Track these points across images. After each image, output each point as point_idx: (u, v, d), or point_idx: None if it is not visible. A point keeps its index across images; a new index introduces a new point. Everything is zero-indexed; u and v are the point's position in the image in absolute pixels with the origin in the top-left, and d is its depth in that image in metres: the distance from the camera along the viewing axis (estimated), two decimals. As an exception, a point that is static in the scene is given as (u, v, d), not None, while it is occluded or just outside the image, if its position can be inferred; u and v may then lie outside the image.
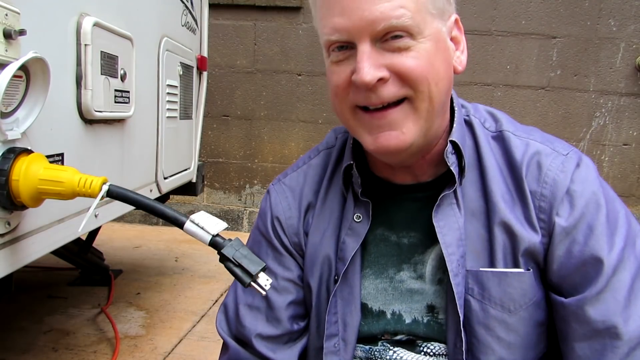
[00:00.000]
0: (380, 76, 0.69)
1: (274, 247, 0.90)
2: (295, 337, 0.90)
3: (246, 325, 0.88)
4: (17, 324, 2.16)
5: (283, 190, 0.92)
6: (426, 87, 0.71)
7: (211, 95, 3.75)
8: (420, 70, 0.70)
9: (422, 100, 0.71)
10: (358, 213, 0.84)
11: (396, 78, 0.70)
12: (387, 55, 0.70)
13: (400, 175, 0.84)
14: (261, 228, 0.92)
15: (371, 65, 0.69)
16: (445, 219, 0.79)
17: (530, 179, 0.78)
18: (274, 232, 0.90)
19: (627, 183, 3.59)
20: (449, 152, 0.78)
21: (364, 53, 0.69)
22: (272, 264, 0.89)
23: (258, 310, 0.88)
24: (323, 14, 0.73)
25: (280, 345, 0.88)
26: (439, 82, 0.72)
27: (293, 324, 0.89)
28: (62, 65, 1.13)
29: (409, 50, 0.69)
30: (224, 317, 0.92)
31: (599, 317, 0.72)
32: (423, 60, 0.70)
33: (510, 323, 0.77)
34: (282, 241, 0.89)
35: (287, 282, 0.88)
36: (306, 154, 0.96)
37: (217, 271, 2.92)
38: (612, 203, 0.77)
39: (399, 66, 0.70)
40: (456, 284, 0.77)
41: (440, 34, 0.73)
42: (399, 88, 0.71)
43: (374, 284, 0.85)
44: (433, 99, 0.72)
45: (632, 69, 3.46)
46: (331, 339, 0.84)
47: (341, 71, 0.73)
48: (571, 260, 0.75)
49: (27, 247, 1.00)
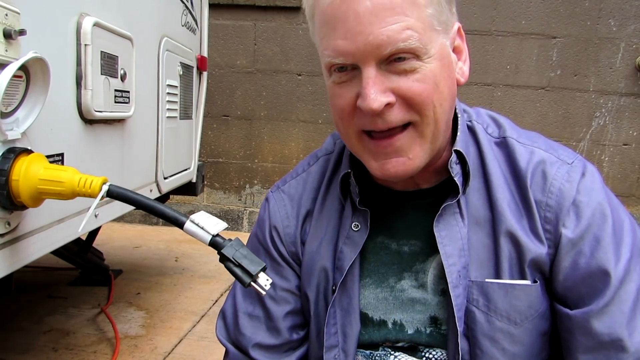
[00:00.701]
0: (387, 102, 0.67)
1: (271, 257, 0.89)
2: (295, 346, 0.90)
3: (246, 334, 0.87)
4: (17, 324, 2.16)
5: (282, 199, 0.91)
6: (431, 111, 0.69)
7: (211, 95, 3.75)
8: (427, 95, 0.68)
9: (428, 124, 0.70)
10: (356, 222, 0.82)
11: (402, 102, 0.68)
12: (392, 78, 0.67)
13: (400, 182, 0.83)
14: (259, 236, 0.91)
15: (377, 91, 0.66)
16: (448, 228, 0.77)
17: (535, 188, 0.76)
18: (272, 241, 0.89)
19: (627, 183, 3.59)
20: (454, 162, 0.77)
21: (369, 78, 0.67)
22: (270, 274, 0.87)
23: (258, 319, 0.88)
24: (325, 34, 0.70)
25: (280, 354, 0.88)
26: (443, 103, 0.71)
27: (292, 334, 0.89)
28: (62, 65, 1.13)
29: (415, 72, 0.67)
30: (223, 324, 0.92)
31: (605, 329, 0.71)
32: (429, 84, 0.68)
33: (515, 335, 0.76)
34: (280, 251, 0.89)
35: (285, 292, 0.88)
36: (305, 160, 0.95)
37: (217, 271, 2.92)
38: (617, 212, 0.76)
39: (404, 90, 0.68)
40: (456, 296, 0.76)
41: (445, 49, 0.71)
42: (404, 113, 0.69)
43: (374, 293, 0.83)
44: (438, 121, 0.71)
45: (632, 69, 3.46)
46: (331, 351, 0.83)
47: (345, 94, 0.71)
48: (577, 271, 0.73)
49: (27, 247, 1.00)
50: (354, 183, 0.81)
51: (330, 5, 0.67)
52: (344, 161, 0.86)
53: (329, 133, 0.98)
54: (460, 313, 0.76)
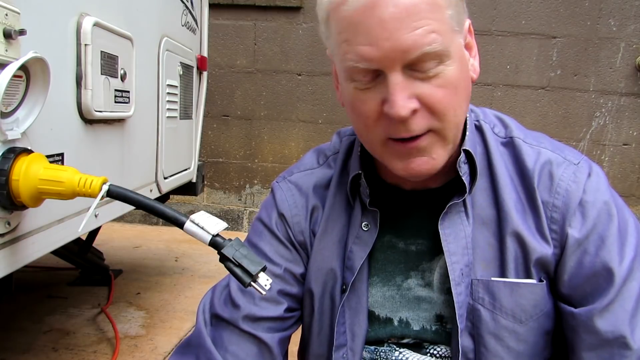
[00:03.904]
0: (413, 108, 0.67)
1: (277, 239, 0.87)
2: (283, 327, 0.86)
3: (240, 305, 0.83)
4: (17, 324, 2.16)
5: (289, 188, 0.90)
6: (452, 117, 0.70)
7: (211, 95, 3.75)
8: (447, 101, 0.68)
9: (450, 129, 0.71)
10: (366, 221, 0.82)
11: (425, 109, 0.68)
12: (417, 84, 0.67)
13: (409, 182, 0.83)
14: (265, 220, 0.89)
15: (405, 97, 0.66)
16: (452, 227, 0.78)
17: (542, 188, 0.77)
18: (279, 225, 0.88)
19: (627, 183, 3.59)
20: (462, 162, 0.77)
21: (397, 84, 0.66)
22: (274, 255, 0.86)
23: (251, 294, 0.84)
24: (345, 39, 0.68)
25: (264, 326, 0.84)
26: (462, 105, 0.72)
27: (285, 312, 0.85)
28: (62, 65, 1.13)
29: (437, 78, 0.67)
30: (211, 296, 0.89)
31: (608, 327, 0.72)
32: (449, 88, 0.68)
33: (520, 333, 0.76)
34: (288, 234, 0.87)
35: (286, 273, 0.86)
36: (313, 156, 0.94)
37: (217, 271, 2.92)
38: (622, 212, 0.77)
39: (428, 98, 0.68)
40: (457, 293, 0.76)
41: (461, 50, 0.71)
42: (427, 120, 0.69)
43: (381, 291, 0.83)
44: (459, 124, 0.72)
45: (632, 69, 3.46)
46: (340, 350, 0.83)
47: (370, 100, 0.70)
48: (582, 270, 0.74)
49: (27, 247, 1.00)
50: (365, 185, 0.81)
51: (353, 11, 0.66)
52: (353, 162, 0.85)
53: (329, 133, 0.98)
54: (461, 310, 0.77)
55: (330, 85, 3.66)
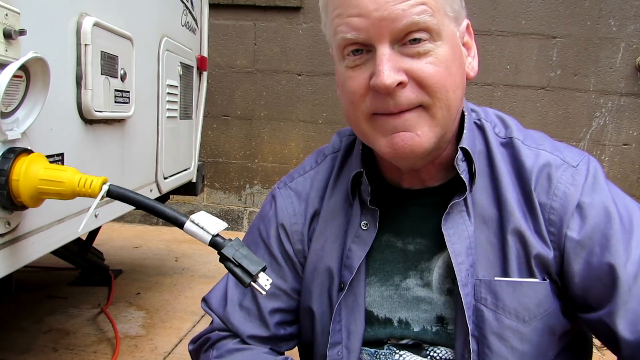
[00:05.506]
0: (400, 80, 0.67)
1: (271, 255, 0.89)
2: (282, 340, 0.91)
3: (234, 324, 0.88)
4: (17, 324, 2.16)
5: (289, 195, 0.91)
6: (444, 95, 0.70)
7: (211, 95, 3.75)
8: (439, 77, 0.69)
9: (440, 108, 0.70)
10: (365, 220, 0.82)
11: (414, 84, 0.69)
12: (406, 60, 0.68)
13: (407, 180, 0.83)
14: (262, 233, 0.91)
15: (391, 68, 0.67)
16: (455, 227, 0.78)
17: (539, 190, 0.77)
18: (278, 240, 0.89)
19: (627, 183, 3.59)
20: (460, 160, 0.77)
21: (384, 55, 0.67)
22: (268, 272, 0.88)
23: (247, 311, 0.88)
24: (339, 13, 0.70)
25: (265, 345, 0.89)
26: (456, 89, 0.71)
27: (280, 329, 0.89)
28: (62, 65, 1.13)
29: (428, 56, 0.68)
30: (212, 300, 0.93)
31: (630, 326, 0.71)
32: (441, 67, 0.69)
33: (524, 333, 0.76)
34: (285, 249, 0.89)
35: (278, 291, 0.88)
36: (312, 157, 0.95)
37: (217, 271, 2.92)
38: (625, 206, 0.76)
39: (418, 72, 0.68)
40: (465, 294, 0.76)
41: (455, 39, 0.72)
42: (416, 94, 0.69)
43: (379, 291, 0.83)
44: (450, 106, 0.71)
45: (632, 69, 3.46)
46: (334, 347, 0.83)
47: (358, 76, 0.71)
48: (591, 271, 0.74)
49: (27, 247, 1.00)
50: (366, 182, 0.81)
51: None
52: (354, 160, 0.86)
53: (329, 133, 0.98)
54: (469, 312, 0.76)
55: (331, 85, 3.66)
